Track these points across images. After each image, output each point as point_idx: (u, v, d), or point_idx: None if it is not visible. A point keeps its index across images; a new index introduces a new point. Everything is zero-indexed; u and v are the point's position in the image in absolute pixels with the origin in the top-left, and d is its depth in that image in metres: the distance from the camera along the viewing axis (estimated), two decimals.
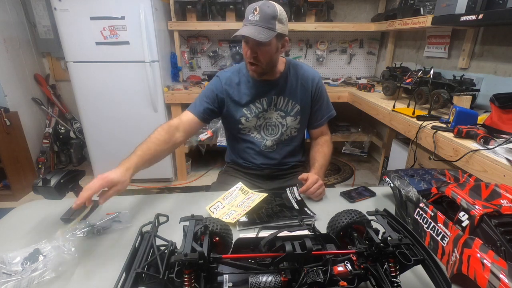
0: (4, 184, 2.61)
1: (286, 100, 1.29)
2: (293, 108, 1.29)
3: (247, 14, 1.11)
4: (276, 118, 1.30)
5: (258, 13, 1.07)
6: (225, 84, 1.28)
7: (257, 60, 1.15)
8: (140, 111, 2.60)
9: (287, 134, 1.33)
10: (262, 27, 1.08)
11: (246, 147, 1.35)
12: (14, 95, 2.70)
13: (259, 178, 1.39)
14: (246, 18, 1.11)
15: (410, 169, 1.04)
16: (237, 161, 1.41)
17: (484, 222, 0.64)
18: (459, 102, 1.58)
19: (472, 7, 1.53)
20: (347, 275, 0.58)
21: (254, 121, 1.30)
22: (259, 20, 1.07)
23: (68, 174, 0.91)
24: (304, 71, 1.31)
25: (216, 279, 0.57)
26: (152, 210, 1.02)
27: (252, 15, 1.09)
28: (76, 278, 0.72)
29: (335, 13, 3.13)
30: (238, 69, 1.31)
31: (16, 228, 0.91)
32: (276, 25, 1.09)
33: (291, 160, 1.39)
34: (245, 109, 1.28)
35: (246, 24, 1.10)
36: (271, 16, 1.08)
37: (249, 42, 1.13)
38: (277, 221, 0.92)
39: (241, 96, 1.27)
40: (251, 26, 1.08)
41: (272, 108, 1.29)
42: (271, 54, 1.15)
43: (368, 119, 2.93)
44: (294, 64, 1.31)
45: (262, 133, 1.33)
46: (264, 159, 1.35)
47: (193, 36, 3.04)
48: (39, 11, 2.84)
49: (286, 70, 1.28)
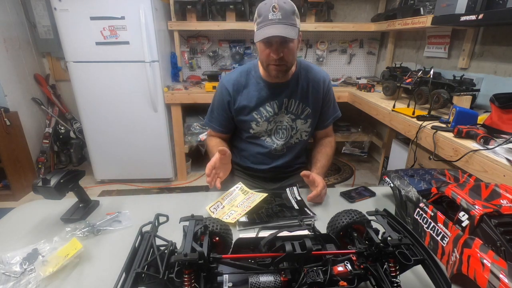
0: (4, 184, 2.61)
1: (297, 103, 1.24)
2: (303, 111, 1.26)
3: (265, 13, 1.04)
4: (287, 121, 1.26)
5: (279, 10, 1.02)
6: (233, 90, 1.24)
7: (282, 60, 1.10)
8: (140, 111, 2.60)
9: (297, 137, 1.29)
10: (286, 24, 1.03)
11: (257, 152, 1.31)
12: (14, 95, 2.70)
13: (262, 180, 1.37)
14: (265, 18, 1.04)
15: (410, 169, 1.04)
16: (241, 163, 1.38)
17: (484, 222, 0.64)
18: (459, 102, 1.58)
19: (472, 7, 1.53)
20: (347, 275, 0.58)
21: (265, 126, 1.26)
22: (282, 17, 1.03)
23: (68, 174, 0.91)
24: (315, 72, 1.26)
25: (216, 279, 0.57)
26: (152, 210, 1.01)
27: (272, 14, 1.03)
28: (76, 278, 0.71)
29: (335, 13, 3.13)
30: (247, 70, 1.26)
31: (16, 228, 0.91)
32: (296, 20, 1.07)
33: (296, 162, 1.37)
34: (255, 113, 1.24)
35: (268, 24, 1.04)
36: (291, 11, 1.04)
37: (274, 43, 1.07)
38: (277, 221, 0.92)
39: (250, 99, 1.23)
40: (275, 25, 1.03)
41: (283, 111, 1.25)
42: (295, 51, 1.12)
43: (368, 119, 2.93)
44: (305, 65, 1.27)
45: (273, 137, 1.29)
46: (272, 162, 1.32)
47: (193, 36, 3.04)
48: (39, 11, 2.84)
49: (297, 71, 1.24)
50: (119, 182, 2.86)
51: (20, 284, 0.68)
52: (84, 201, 0.99)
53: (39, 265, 0.70)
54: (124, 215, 0.94)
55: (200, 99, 2.58)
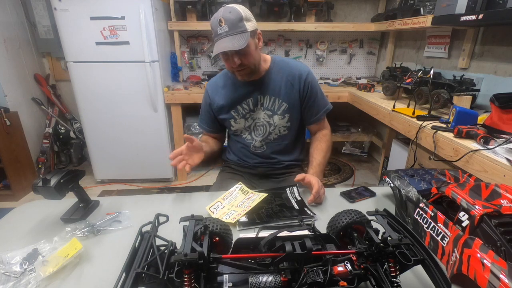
0: (4, 184, 2.61)
1: (272, 99, 1.28)
2: (280, 107, 1.28)
3: (215, 28, 1.10)
4: (264, 117, 1.30)
5: (225, 23, 1.06)
6: (211, 91, 1.35)
7: (242, 65, 1.15)
8: (140, 111, 2.60)
9: (276, 133, 1.32)
10: (234, 34, 1.07)
11: (240, 147, 1.39)
12: (14, 95, 2.70)
13: (254, 177, 1.41)
14: (216, 33, 1.10)
15: (410, 169, 1.04)
16: (233, 159, 1.44)
17: (484, 222, 0.64)
18: (459, 102, 1.58)
19: (472, 7, 1.53)
20: (347, 275, 0.58)
21: (242, 122, 1.32)
22: (229, 29, 1.07)
23: (68, 174, 0.91)
24: (290, 68, 1.28)
25: (216, 279, 0.57)
26: (152, 210, 1.01)
27: (220, 28, 1.08)
28: (76, 278, 0.71)
29: (335, 13, 3.13)
30: (226, 72, 1.33)
31: (16, 228, 0.91)
32: (245, 25, 1.09)
33: (284, 159, 1.38)
34: (232, 111, 1.31)
35: (218, 38, 1.09)
36: (237, 20, 1.07)
37: (230, 54, 1.12)
38: (277, 221, 0.92)
39: (227, 99, 1.30)
40: (224, 38, 1.08)
41: (259, 108, 1.30)
42: (252, 54, 1.15)
43: (368, 119, 2.93)
44: (280, 61, 1.30)
45: (252, 134, 1.34)
46: (255, 158, 1.37)
47: (193, 36, 3.04)
48: (39, 11, 2.84)
49: (270, 68, 1.27)
50: (119, 182, 2.86)
51: (20, 284, 0.68)
52: (84, 201, 0.99)
53: (39, 265, 0.70)
54: (124, 215, 0.94)
55: (200, 99, 2.50)
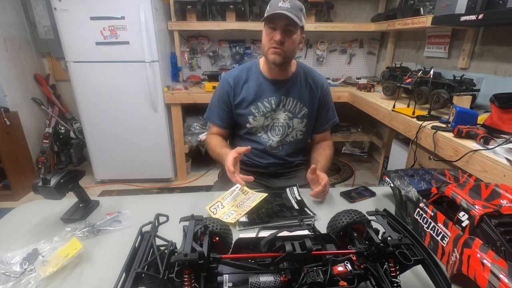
0: (4, 184, 2.60)
1: (295, 102, 1.29)
2: (300, 111, 1.30)
3: (275, 2, 1.10)
4: (284, 119, 1.31)
5: (288, 2, 1.09)
6: (233, 83, 1.29)
7: (282, 45, 1.14)
8: (140, 111, 2.60)
9: (292, 136, 1.33)
10: (294, 14, 1.08)
11: (252, 148, 1.34)
12: (14, 95, 2.70)
13: (263, 176, 1.40)
14: (275, 5, 1.10)
15: (410, 169, 1.04)
16: (241, 160, 1.41)
17: (484, 222, 0.64)
18: (459, 102, 1.58)
19: (472, 7, 1.53)
20: (347, 275, 0.58)
21: (261, 121, 1.30)
22: (290, 8, 1.08)
23: (68, 174, 0.91)
24: (314, 75, 1.33)
25: (216, 279, 0.57)
26: (152, 210, 1.01)
27: (282, 3, 1.09)
28: (76, 278, 0.71)
29: (335, 13, 3.13)
30: (249, 67, 1.32)
31: (16, 228, 0.91)
32: (301, 17, 1.12)
33: (295, 159, 1.40)
34: (253, 107, 1.28)
35: (277, 9, 1.09)
36: (299, 7, 1.11)
37: (278, 28, 1.12)
38: (277, 221, 0.92)
39: (249, 93, 1.28)
40: (283, 11, 1.08)
41: (280, 108, 1.30)
42: (295, 44, 1.17)
43: (368, 119, 2.93)
44: (305, 68, 1.34)
45: (269, 133, 1.33)
46: (269, 159, 1.36)
47: (193, 36, 3.04)
48: (39, 11, 2.84)
49: (297, 71, 1.30)
50: (119, 182, 2.86)
51: (20, 284, 0.68)
52: (84, 201, 0.99)
53: (39, 265, 0.70)
54: (124, 215, 0.94)
55: (200, 99, 2.58)
